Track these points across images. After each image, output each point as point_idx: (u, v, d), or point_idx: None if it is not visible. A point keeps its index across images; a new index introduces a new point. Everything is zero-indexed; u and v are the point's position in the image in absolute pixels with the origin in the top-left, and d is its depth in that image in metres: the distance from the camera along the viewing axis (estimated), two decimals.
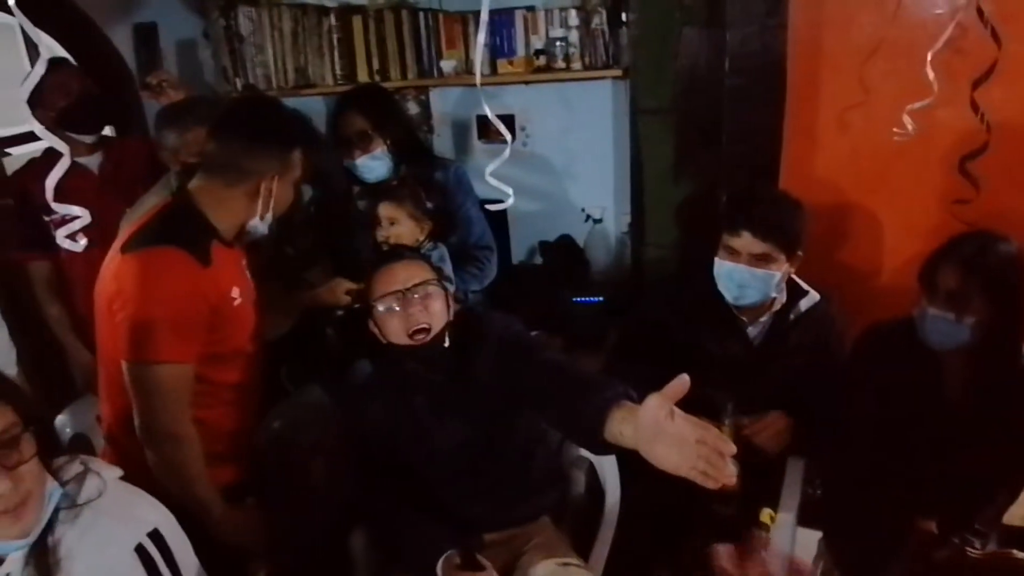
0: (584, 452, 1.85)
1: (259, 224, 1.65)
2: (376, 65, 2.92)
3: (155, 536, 1.16)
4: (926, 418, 1.68)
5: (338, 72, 2.98)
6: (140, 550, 1.13)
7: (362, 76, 2.94)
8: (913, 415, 1.68)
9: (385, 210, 2.11)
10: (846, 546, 1.74)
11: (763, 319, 1.91)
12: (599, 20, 2.61)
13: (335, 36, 2.94)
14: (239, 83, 3.08)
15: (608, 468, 1.85)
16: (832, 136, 2.34)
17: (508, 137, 1.71)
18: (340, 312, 2.13)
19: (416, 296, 1.60)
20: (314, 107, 3.15)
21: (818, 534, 1.77)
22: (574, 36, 2.66)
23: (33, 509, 1.07)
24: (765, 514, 1.72)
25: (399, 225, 2.10)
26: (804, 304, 1.91)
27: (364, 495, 1.72)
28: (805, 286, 1.93)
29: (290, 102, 3.08)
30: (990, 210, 2.01)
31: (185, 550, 1.21)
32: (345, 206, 2.39)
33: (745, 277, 1.81)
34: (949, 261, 1.62)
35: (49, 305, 2.33)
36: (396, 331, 1.61)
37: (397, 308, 1.60)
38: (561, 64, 2.70)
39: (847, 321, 1.96)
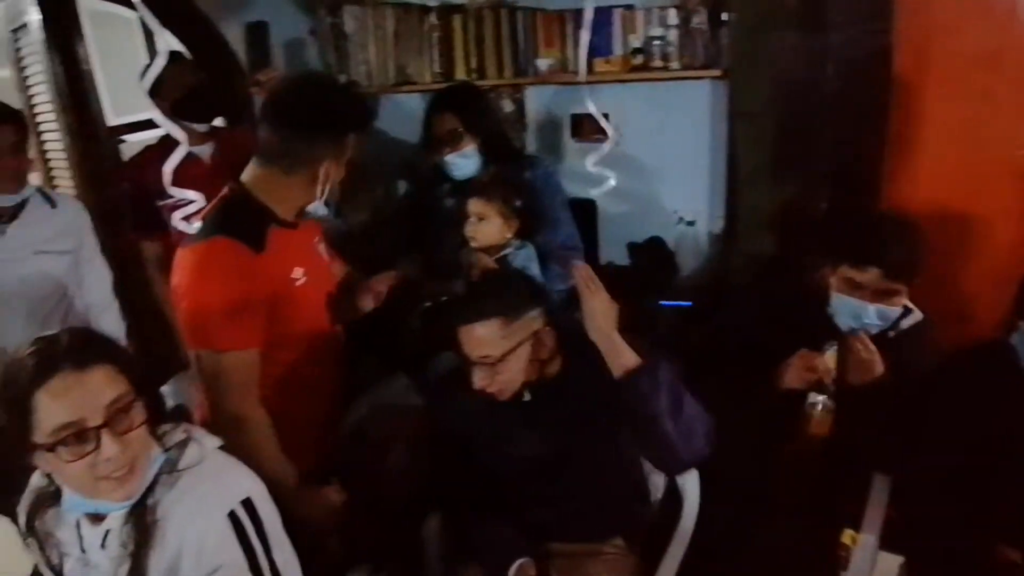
0: None
1: (319, 206, 1.66)
2: (474, 63, 2.97)
3: (247, 505, 1.19)
4: (1016, 445, 1.58)
5: (436, 70, 3.04)
6: (233, 517, 1.17)
7: (460, 74, 2.99)
8: (1003, 441, 1.58)
9: (474, 206, 2.12)
10: (928, 573, 1.65)
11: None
12: (699, 19, 2.57)
13: (435, 35, 3.00)
14: (342, 79, 3.20)
15: (689, 482, 1.82)
16: (941, 150, 2.20)
17: (610, 131, 1.70)
18: (427, 304, 2.18)
19: (486, 368, 1.55)
20: (412, 104, 3.24)
21: (900, 559, 1.68)
22: (673, 35, 2.63)
23: (139, 474, 1.14)
24: (847, 535, 1.64)
25: (487, 222, 2.10)
26: (906, 323, 1.82)
27: (441, 485, 1.74)
28: (909, 304, 1.85)
29: (389, 99, 3.23)
30: None
31: (275, 522, 1.24)
32: (434, 202, 2.43)
33: (868, 312, 1.74)
34: None
35: (158, 283, 2.45)
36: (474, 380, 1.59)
37: (472, 371, 1.56)
38: (659, 63, 2.67)
39: (945, 344, 1.86)
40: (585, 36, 1.51)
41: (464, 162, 2.28)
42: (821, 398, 1.66)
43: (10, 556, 1.31)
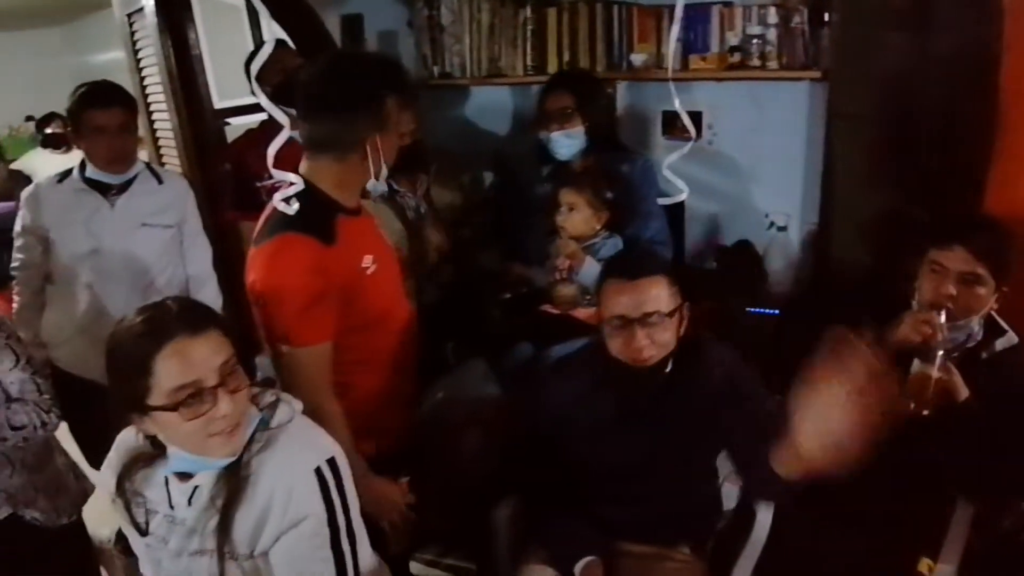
0: None
1: (376, 184, 1.66)
2: (566, 57, 2.96)
3: (331, 463, 1.26)
4: None
5: (529, 63, 3.05)
6: (318, 472, 1.24)
7: (552, 67, 2.99)
8: None
9: (566, 196, 2.14)
10: None
11: (953, 354, 1.74)
12: (799, 18, 2.49)
13: (529, 28, 3.01)
14: (436, 70, 3.25)
15: None
16: None
17: (692, 132, 1.68)
18: (507, 295, 2.20)
19: (645, 327, 1.54)
20: (501, 97, 3.26)
21: None
22: (772, 34, 2.55)
23: (242, 431, 1.22)
24: (923, 563, 1.58)
25: (577, 212, 2.13)
26: (1000, 344, 1.71)
27: (524, 471, 1.74)
28: (1004, 325, 1.74)
29: (480, 91, 3.26)
30: None
31: (352, 484, 1.30)
32: (525, 189, 2.45)
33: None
34: None
35: None
36: (616, 348, 1.59)
37: (622, 332, 1.56)
38: (756, 62, 2.59)
39: None
40: (675, 31, 1.48)
41: (569, 142, 2.33)
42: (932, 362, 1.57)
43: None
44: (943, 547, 1.62)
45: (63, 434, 1.99)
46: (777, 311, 2.60)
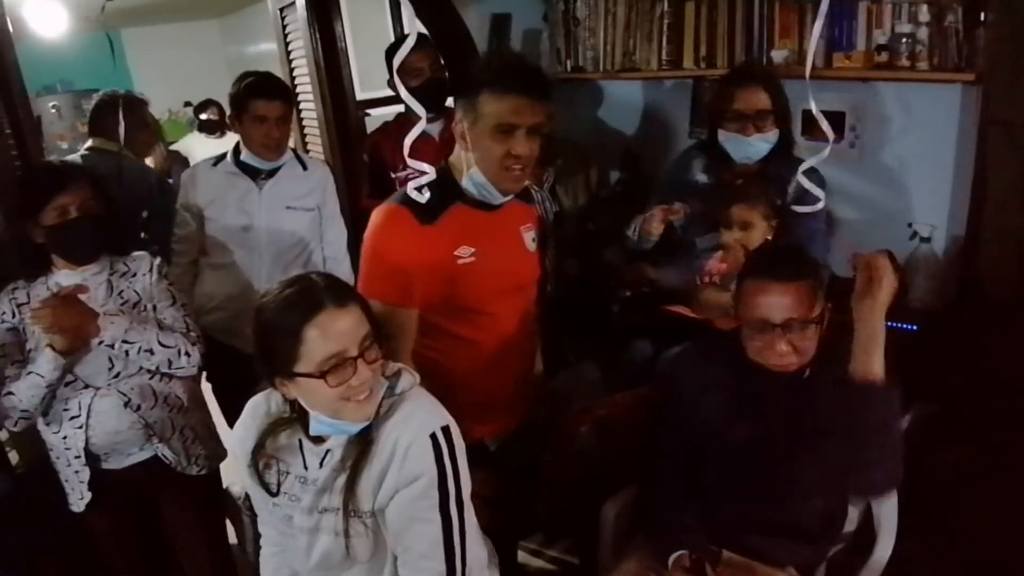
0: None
1: (466, 181, 1.67)
2: (703, 52, 2.90)
3: (445, 431, 1.32)
4: None
5: (664, 58, 3.00)
6: (433, 437, 1.30)
7: (687, 63, 2.94)
8: None
9: (740, 214, 2.01)
10: None
11: None
12: (953, 17, 2.31)
13: (665, 22, 2.97)
14: (569, 64, 3.26)
15: (886, 515, 1.69)
16: None
17: (830, 135, 1.61)
18: (627, 292, 2.18)
19: (788, 332, 1.48)
20: (631, 93, 3.24)
21: None
22: (923, 33, 2.39)
23: (375, 398, 1.31)
24: None
25: (753, 230, 1.99)
26: None
27: (641, 460, 1.74)
28: None
29: (612, 85, 3.25)
30: None
31: (463, 454, 1.35)
32: (669, 187, 2.35)
33: None
34: None
35: None
36: (755, 351, 1.54)
37: (762, 336, 1.51)
38: (905, 63, 2.44)
39: None
40: (818, 26, 1.42)
41: (763, 146, 2.17)
42: None
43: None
44: None
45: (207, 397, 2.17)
46: (915, 327, 2.46)
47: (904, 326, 2.45)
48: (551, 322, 1.97)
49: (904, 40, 2.42)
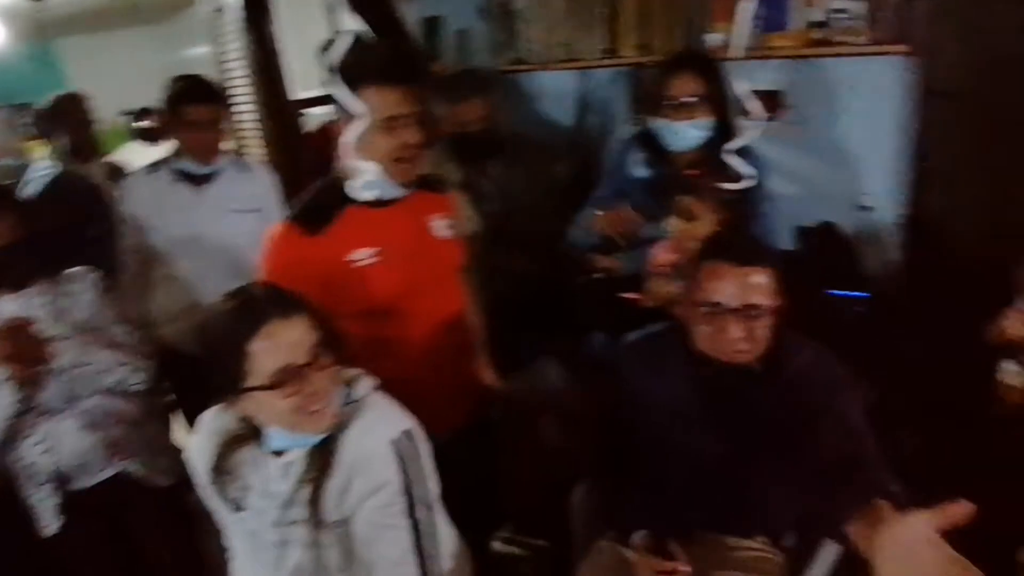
0: None
1: (360, 182, 1.66)
2: (641, 39, 2.91)
3: (408, 435, 1.31)
4: None
5: (603, 46, 3.00)
6: (395, 443, 1.29)
7: (626, 50, 2.95)
8: None
9: (684, 203, 1.95)
10: None
11: None
12: None
13: (602, 10, 2.96)
14: (509, 56, 3.25)
15: None
16: None
17: (762, 114, 1.62)
18: (584, 280, 2.17)
19: (744, 319, 1.43)
20: (576, 81, 3.23)
21: None
22: (858, 7, 2.43)
23: (333, 406, 1.28)
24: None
25: (699, 219, 1.92)
26: None
27: (597, 455, 1.72)
28: None
29: (554, 76, 3.24)
30: None
31: (428, 457, 1.35)
32: (613, 178, 2.34)
33: None
34: None
35: None
36: (705, 338, 1.48)
37: (715, 321, 1.45)
38: (841, 38, 2.49)
39: None
40: (749, 8, 1.42)
41: (697, 133, 2.12)
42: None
43: None
44: None
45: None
46: (867, 294, 2.50)
47: (857, 294, 2.50)
48: (504, 322, 1.95)
49: (839, 16, 2.46)
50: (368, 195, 1.67)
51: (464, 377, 1.90)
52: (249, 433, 1.34)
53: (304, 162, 2.78)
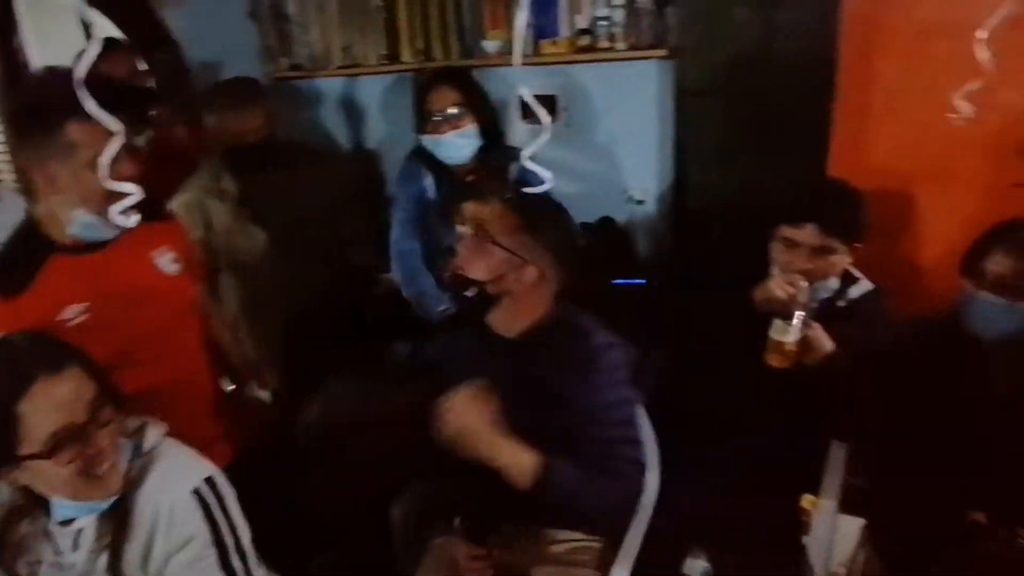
0: None
1: (72, 228, 1.44)
2: (420, 45, 2.92)
3: (210, 482, 1.22)
4: (975, 409, 1.64)
5: (382, 51, 2.98)
6: (197, 493, 1.20)
7: (406, 56, 2.95)
8: (961, 406, 1.65)
9: (470, 210, 1.92)
10: (891, 536, 1.71)
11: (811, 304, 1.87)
12: None
13: (379, 15, 2.95)
14: (284, 63, 3.12)
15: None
16: (883, 120, 2.26)
17: (545, 120, 1.68)
18: (377, 290, 2.15)
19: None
20: (358, 88, 3.18)
21: (861, 521, 1.74)
22: (619, 15, 2.62)
23: (120, 465, 1.16)
24: (806, 500, 1.69)
25: (487, 224, 1.84)
26: (854, 292, 1.86)
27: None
28: (857, 273, 1.89)
29: (336, 82, 3.17)
30: None
31: (235, 502, 1.26)
32: (403, 195, 2.33)
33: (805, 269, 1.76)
34: (1002, 245, 1.58)
35: None
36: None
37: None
38: (605, 44, 2.66)
39: (896, 311, 1.92)
40: (522, 18, 1.48)
41: (463, 143, 2.15)
42: (789, 323, 1.65)
43: None
44: (822, 484, 1.73)
45: None
46: (643, 281, 2.70)
47: (633, 281, 2.69)
48: (300, 337, 1.87)
49: (602, 23, 2.63)
50: (75, 238, 1.46)
51: (217, 417, 1.74)
52: (30, 503, 1.19)
53: None
